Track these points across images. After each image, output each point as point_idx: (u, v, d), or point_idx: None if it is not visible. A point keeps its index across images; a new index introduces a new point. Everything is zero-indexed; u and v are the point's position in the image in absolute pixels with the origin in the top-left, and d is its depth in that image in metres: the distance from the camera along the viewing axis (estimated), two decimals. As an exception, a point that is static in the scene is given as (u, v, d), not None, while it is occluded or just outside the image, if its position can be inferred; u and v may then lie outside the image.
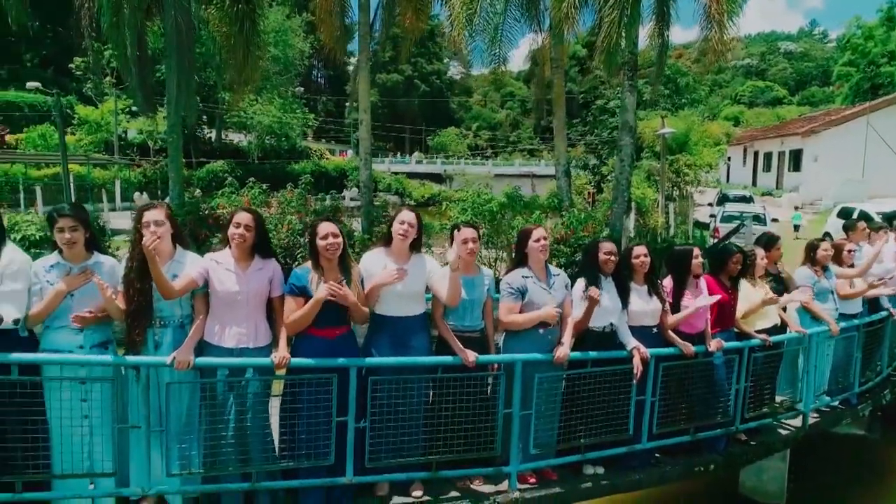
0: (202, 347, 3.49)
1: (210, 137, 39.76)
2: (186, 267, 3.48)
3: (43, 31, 43.39)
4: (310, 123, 42.44)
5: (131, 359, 3.37)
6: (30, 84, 20.58)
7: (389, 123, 63.23)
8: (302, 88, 46.26)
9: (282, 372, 3.51)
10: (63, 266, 3.35)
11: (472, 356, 3.78)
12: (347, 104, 68.09)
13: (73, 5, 13.11)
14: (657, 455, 4.70)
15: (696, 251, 4.75)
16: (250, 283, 3.51)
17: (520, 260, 4.24)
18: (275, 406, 3.68)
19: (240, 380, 3.45)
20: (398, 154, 59.35)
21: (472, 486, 4.04)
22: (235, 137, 41.74)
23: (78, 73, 31.82)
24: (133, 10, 12.11)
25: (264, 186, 12.35)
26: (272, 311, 3.62)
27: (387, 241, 3.90)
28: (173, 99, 12.78)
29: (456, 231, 3.93)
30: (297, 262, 8.99)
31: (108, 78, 30.31)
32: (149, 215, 3.39)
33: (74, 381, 3.26)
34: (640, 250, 4.46)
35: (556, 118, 13.01)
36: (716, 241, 15.42)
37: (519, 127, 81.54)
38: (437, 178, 49.38)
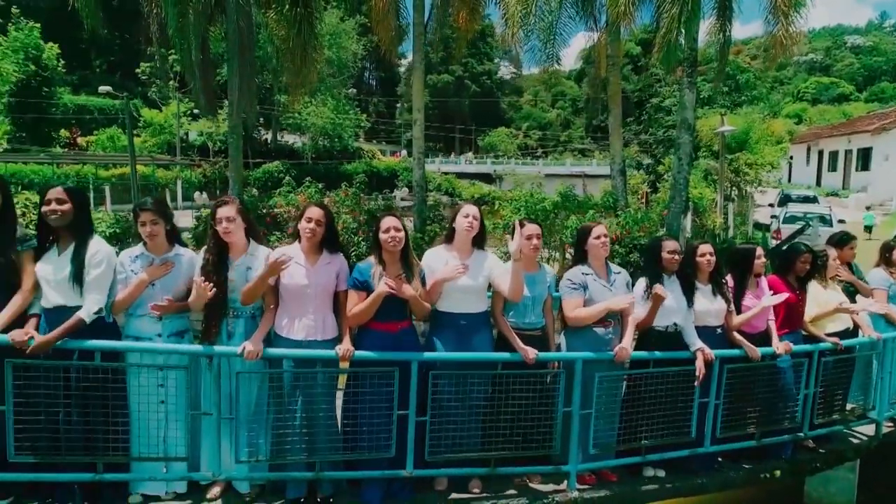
0: (272, 339, 3.60)
1: (266, 139, 40.85)
2: (259, 260, 3.59)
3: (111, 38, 45.52)
4: (362, 125, 43.07)
5: (204, 347, 3.50)
6: (102, 88, 21.67)
7: (440, 124, 63.53)
8: (354, 90, 47.00)
9: (345, 364, 3.59)
10: (146, 257, 3.53)
11: (532, 353, 3.77)
12: (398, 105, 68.91)
13: (140, 14, 13.72)
14: (720, 459, 4.59)
15: (760, 250, 4.64)
16: (319, 277, 3.59)
17: (579, 257, 4.21)
18: (339, 398, 3.76)
19: (306, 371, 3.54)
20: (450, 154, 59.52)
21: (530, 484, 4.03)
22: (290, 139, 42.75)
23: (143, 77, 33.21)
24: (197, 15, 12.56)
25: (320, 186, 12.64)
26: (339, 304, 3.70)
27: (448, 237, 3.93)
28: (235, 101, 13.17)
29: (520, 226, 3.93)
30: (350, 261, 9.15)
31: (171, 82, 31.50)
32: (221, 212, 3.52)
33: (152, 368, 3.42)
34: (705, 248, 4.35)
35: (612, 116, 12.80)
36: (777, 242, 14.87)
37: (570, 126, 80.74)
38: (487, 178, 49.31)
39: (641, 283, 4.23)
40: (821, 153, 35.17)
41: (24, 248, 3.31)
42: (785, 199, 21.58)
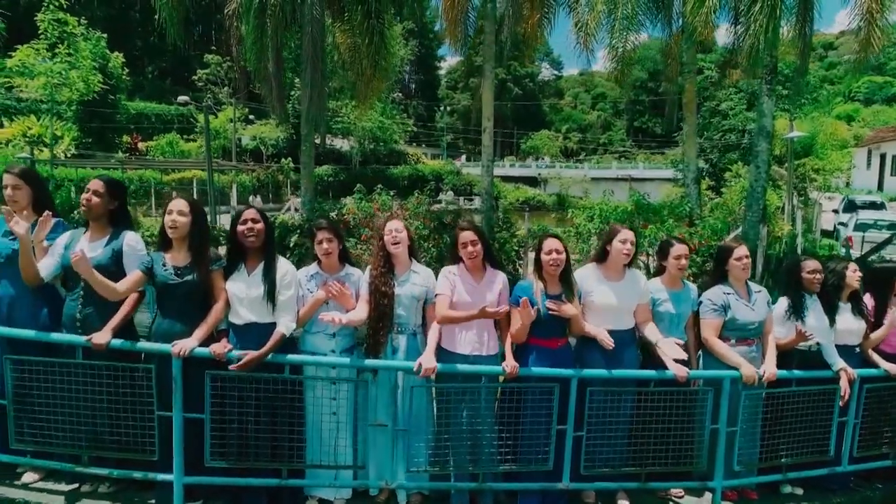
0: (438, 352, 3.74)
1: (316, 143, 41.55)
2: (421, 276, 3.82)
3: (163, 45, 46.93)
4: (407, 129, 43.45)
5: (377, 362, 3.67)
6: (181, 98, 22.38)
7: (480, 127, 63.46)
8: (400, 94, 47.42)
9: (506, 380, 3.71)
10: (320, 276, 3.73)
11: (683, 371, 3.84)
12: (438, 109, 69.13)
13: (191, 22, 14.16)
14: (852, 479, 4.58)
15: None
16: (483, 295, 3.73)
17: (719, 276, 4.26)
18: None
19: (473, 386, 3.67)
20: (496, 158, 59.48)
21: (674, 498, 4.10)
22: (338, 143, 43.39)
23: (199, 84, 34.09)
24: (275, 26, 12.89)
25: (391, 193, 12.83)
26: (500, 321, 3.82)
27: (600, 257, 4.02)
28: (306, 109, 13.47)
29: (667, 245, 4.03)
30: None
31: (225, 88, 32.34)
32: (391, 224, 3.78)
33: (326, 381, 3.60)
34: (853, 266, 4.36)
35: (687, 124, 12.68)
36: (847, 250, 14.49)
37: (610, 128, 79.98)
38: (532, 181, 49.17)
39: (783, 302, 4.26)
40: (883, 157, 33.98)
41: (215, 267, 3.51)
42: (850, 206, 20.95)
